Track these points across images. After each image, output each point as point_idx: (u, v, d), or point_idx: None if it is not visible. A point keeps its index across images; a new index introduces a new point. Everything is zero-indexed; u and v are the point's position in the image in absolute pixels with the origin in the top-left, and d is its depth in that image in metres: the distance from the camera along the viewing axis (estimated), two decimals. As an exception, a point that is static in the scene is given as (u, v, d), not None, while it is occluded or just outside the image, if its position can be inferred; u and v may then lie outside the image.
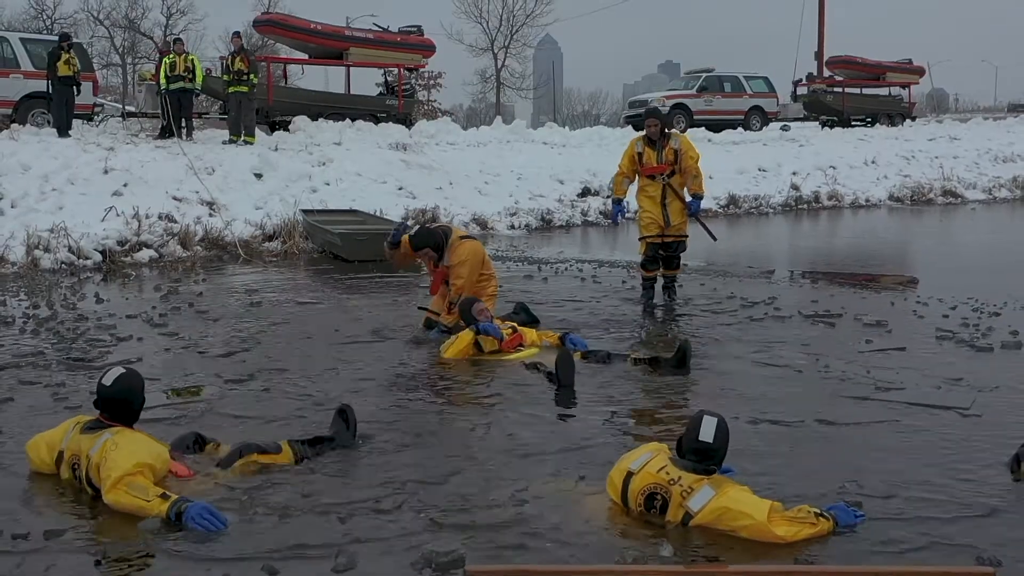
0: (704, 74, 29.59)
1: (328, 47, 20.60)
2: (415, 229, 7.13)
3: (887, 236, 15.32)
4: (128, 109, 20.79)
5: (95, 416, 3.91)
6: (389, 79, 21.45)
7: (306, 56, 21.79)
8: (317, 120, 18.94)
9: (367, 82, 24.93)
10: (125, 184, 13.06)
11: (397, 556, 3.20)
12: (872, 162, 22.54)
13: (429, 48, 21.50)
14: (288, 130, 18.59)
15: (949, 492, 3.73)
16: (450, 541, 3.26)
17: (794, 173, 20.48)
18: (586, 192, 17.31)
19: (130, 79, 61.99)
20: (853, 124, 30.68)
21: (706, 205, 17.30)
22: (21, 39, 17.13)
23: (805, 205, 19.23)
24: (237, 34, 17.24)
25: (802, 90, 32.00)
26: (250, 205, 13.39)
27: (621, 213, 8.54)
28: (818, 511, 3.35)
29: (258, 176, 14.48)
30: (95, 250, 11.08)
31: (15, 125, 15.83)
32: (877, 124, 30.43)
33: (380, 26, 21.86)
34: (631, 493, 3.53)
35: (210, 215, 12.76)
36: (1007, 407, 4.93)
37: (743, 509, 3.32)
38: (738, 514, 3.31)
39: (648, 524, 3.42)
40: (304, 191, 14.36)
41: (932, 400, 5.04)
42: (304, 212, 13.01)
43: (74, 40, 16.73)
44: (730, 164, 20.35)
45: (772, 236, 15.41)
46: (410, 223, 13.45)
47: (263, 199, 13.67)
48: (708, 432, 3.50)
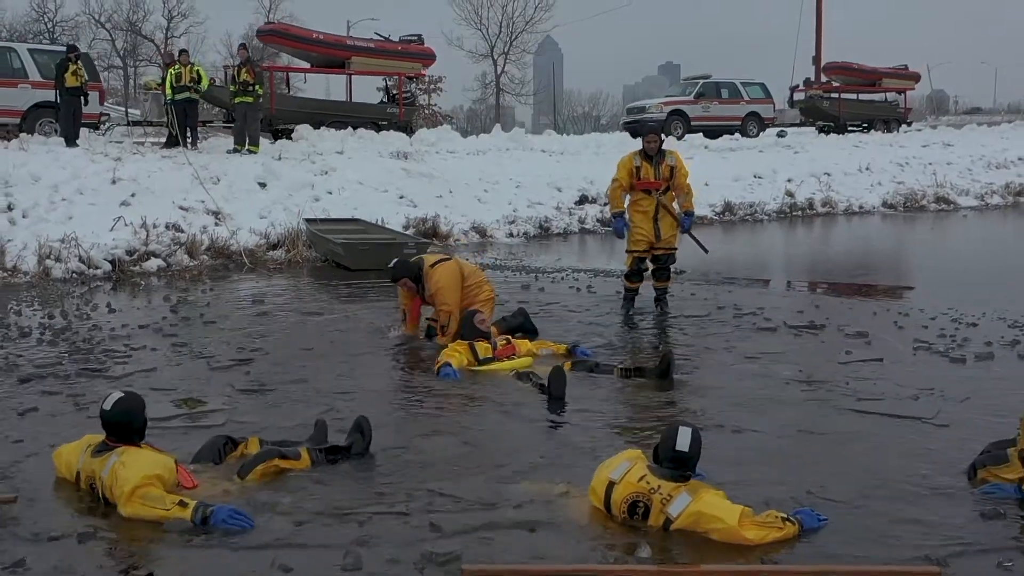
0: (701, 80, 29.98)
1: (330, 56, 20.94)
2: (393, 262, 7.40)
3: (876, 245, 15.63)
4: (133, 114, 21.14)
5: (103, 437, 4.21)
6: (390, 87, 21.78)
7: (308, 65, 22.12)
8: (319, 128, 19.26)
9: (367, 90, 25.31)
10: (133, 194, 13.37)
11: (399, 556, 3.51)
12: (866, 168, 22.79)
13: (429, 57, 21.85)
14: (291, 138, 18.94)
15: (908, 499, 4.04)
16: (448, 542, 3.58)
17: (789, 180, 20.76)
18: (584, 200, 17.59)
19: (132, 82, 62.26)
20: (850, 130, 31.05)
21: (702, 212, 17.86)
22: (29, 49, 17.47)
23: (799, 212, 19.50)
24: (243, 46, 17.57)
25: (799, 96, 32.40)
26: (254, 214, 13.69)
27: (625, 226, 8.54)
28: (785, 516, 3.67)
29: (262, 185, 14.80)
30: (105, 260, 11.39)
31: (23, 135, 16.14)
32: (872, 131, 30.78)
33: (381, 35, 22.19)
34: (614, 502, 3.84)
35: (216, 224, 13.06)
36: (974, 417, 5.24)
37: (716, 514, 3.63)
38: (712, 518, 3.63)
39: (629, 527, 3.74)
40: (307, 200, 14.65)
41: (901, 411, 5.35)
42: (307, 221, 13.31)
43: (81, 51, 17.02)
44: (726, 171, 20.67)
45: (764, 244, 15.72)
46: (410, 232, 13.84)
47: (267, 208, 13.97)
48: (684, 442, 3.82)
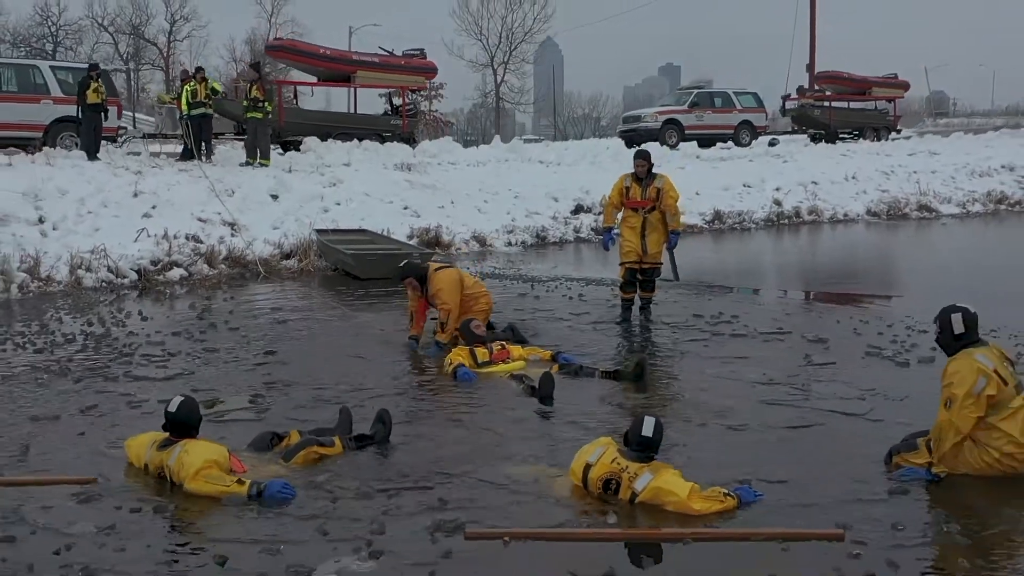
0: (695, 90, 30.89)
1: (336, 70, 21.83)
2: (402, 263, 8.53)
3: (854, 253, 16.48)
4: (144, 120, 21.97)
5: (165, 435, 5.06)
6: (394, 99, 22.67)
7: (315, 79, 23.01)
8: (327, 140, 20.13)
9: (367, 101, 26.17)
10: (154, 206, 14.22)
11: (414, 524, 4.36)
12: (852, 177, 23.56)
13: (431, 70, 22.75)
14: (299, 150, 19.80)
15: (833, 480, 4.88)
16: (454, 513, 4.43)
17: (777, 189, 21.58)
18: (579, 209, 18.41)
19: (135, 85, 62.98)
20: (841, 138, 31.94)
21: (692, 221, 18.73)
22: (51, 67, 18.34)
23: (786, 220, 20.33)
24: (255, 64, 18.44)
25: (791, 104, 33.30)
26: (268, 225, 14.54)
27: (612, 240, 9.51)
28: (726, 491, 4.52)
29: (274, 197, 15.65)
30: (131, 269, 12.25)
31: (47, 148, 17.00)
32: (862, 139, 31.65)
33: (385, 50, 23.07)
34: (591, 480, 4.70)
35: (232, 235, 13.92)
36: (905, 414, 6.06)
37: (671, 488, 4.49)
38: (668, 492, 4.48)
39: (602, 501, 4.59)
40: (317, 211, 15.51)
41: (844, 408, 6.20)
42: (318, 232, 14.17)
43: (101, 68, 17.88)
44: (716, 180, 21.50)
45: (746, 253, 16.54)
46: (415, 242, 14.71)
47: (280, 219, 14.82)
48: (649, 429, 4.68)
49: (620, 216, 9.45)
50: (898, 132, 34.29)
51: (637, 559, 4.10)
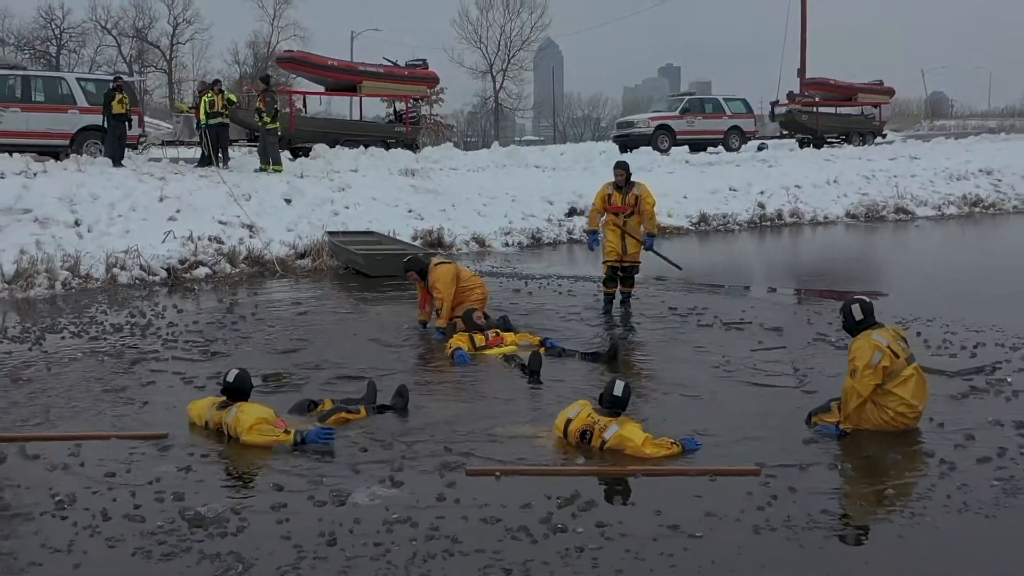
0: (687, 97, 32.12)
1: (343, 81, 23.06)
2: (407, 258, 10.02)
3: (825, 253, 17.67)
4: (151, 123, 23.15)
5: (222, 399, 6.27)
6: (397, 107, 23.88)
7: (323, 88, 24.24)
8: (335, 147, 21.33)
9: (370, 109, 27.44)
10: (178, 210, 15.43)
11: (426, 465, 5.55)
12: (834, 181, 24.72)
13: (433, 80, 23.97)
14: (308, 156, 21.00)
15: (761, 435, 6.07)
16: (458, 457, 5.62)
17: (761, 192, 22.74)
18: (572, 212, 19.60)
19: (137, 88, 64.11)
20: (829, 142, 33.16)
21: (679, 223, 19.93)
22: (77, 79, 19.54)
23: (768, 222, 21.50)
24: (265, 77, 19.66)
25: (780, 110, 34.53)
26: (283, 227, 15.74)
27: (596, 242, 10.72)
28: (673, 440, 5.71)
29: (288, 201, 16.86)
30: (161, 268, 13.44)
31: (74, 155, 18.20)
32: (849, 143, 32.87)
33: (389, 60, 24.29)
34: (570, 433, 5.89)
35: (250, 237, 15.11)
36: (835, 387, 7.23)
37: (631, 437, 5.68)
38: (628, 440, 5.67)
39: (576, 449, 5.79)
40: (328, 214, 16.71)
41: (784, 383, 7.40)
42: (329, 233, 15.37)
43: (124, 80, 19.09)
44: (704, 184, 22.70)
45: (726, 253, 17.73)
46: (418, 243, 15.91)
47: (294, 222, 16.02)
48: (619, 390, 5.88)
49: (603, 220, 10.64)
50: (883, 136, 35.49)
51: (598, 488, 5.28)
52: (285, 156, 20.33)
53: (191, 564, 4.27)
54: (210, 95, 18.78)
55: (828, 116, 34.51)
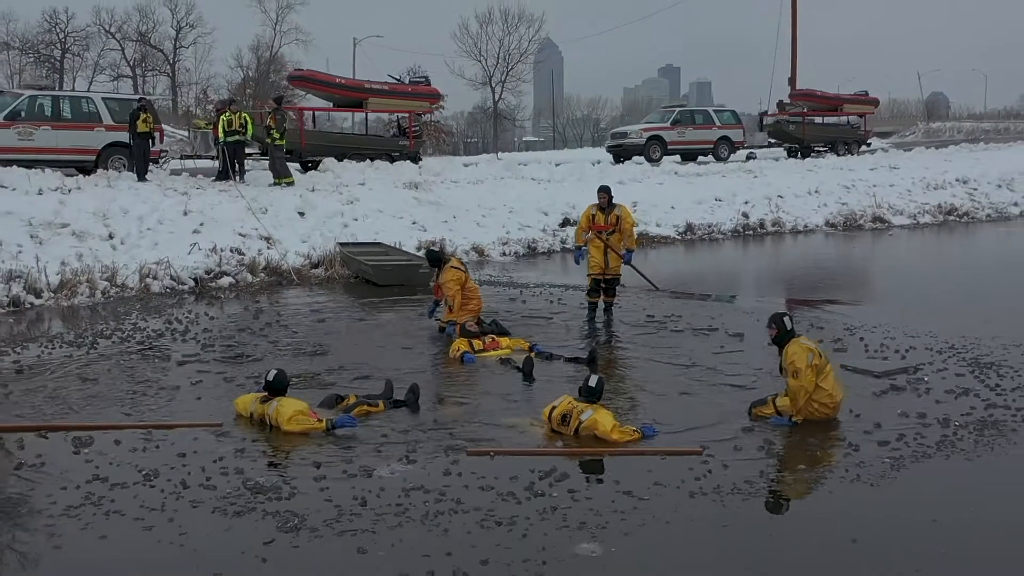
0: (678, 108, 33.51)
1: (350, 97, 24.43)
2: (427, 250, 12.09)
3: (798, 262, 19.00)
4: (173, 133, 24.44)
5: (263, 394, 7.59)
6: (401, 122, 25.24)
7: (331, 104, 25.61)
8: (342, 160, 22.68)
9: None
10: (201, 223, 16.74)
11: (435, 447, 6.87)
12: (815, 191, 25.99)
13: (435, 96, 25.34)
14: (317, 169, 22.35)
15: (711, 424, 7.39)
16: (462, 442, 6.96)
17: (746, 202, 24.03)
18: (566, 222, 20.86)
19: (140, 90, 65.45)
20: (816, 151, 34.51)
21: (666, 233, 21.24)
22: (103, 98, 20.88)
23: (751, 231, 22.80)
24: (278, 98, 21.05)
25: (768, 120, 35.88)
26: (298, 239, 17.06)
27: (582, 256, 12.12)
28: (635, 428, 7.04)
29: (301, 214, 18.19)
30: (189, 277, 14.78)
31: (101, 170, 19.54)
32: (835, 152, 34.21)
33: (394, 77, 25.68)
34: (553, 417, 7.22)
35: (268, 248, 16.43)
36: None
37: (602, 421, 7.00)
38: (599, 424, 7.00)
39: (558, 435, 7.12)
40: (338, 226, 18.02)
41: (738, 382, 8.72)
42: (340, 244, 16.69)
43: (147, 100, 20.44)
44: (690, 195, 23.99)
45: (706, 261, 19.06)
46: (422, 253, 17.22)
47: (307, 234, 17.34)
48: (594, 382, 7.23)
49: (588, 237, 11.98)
50: (868, 145, 36.84)
51: (572, 465, 6.60)
52: (295, 169, 21.68)
53: (258, 519, 5.60)
54: (228, 114, 20.13)
55: (815, 126, 35.85)
